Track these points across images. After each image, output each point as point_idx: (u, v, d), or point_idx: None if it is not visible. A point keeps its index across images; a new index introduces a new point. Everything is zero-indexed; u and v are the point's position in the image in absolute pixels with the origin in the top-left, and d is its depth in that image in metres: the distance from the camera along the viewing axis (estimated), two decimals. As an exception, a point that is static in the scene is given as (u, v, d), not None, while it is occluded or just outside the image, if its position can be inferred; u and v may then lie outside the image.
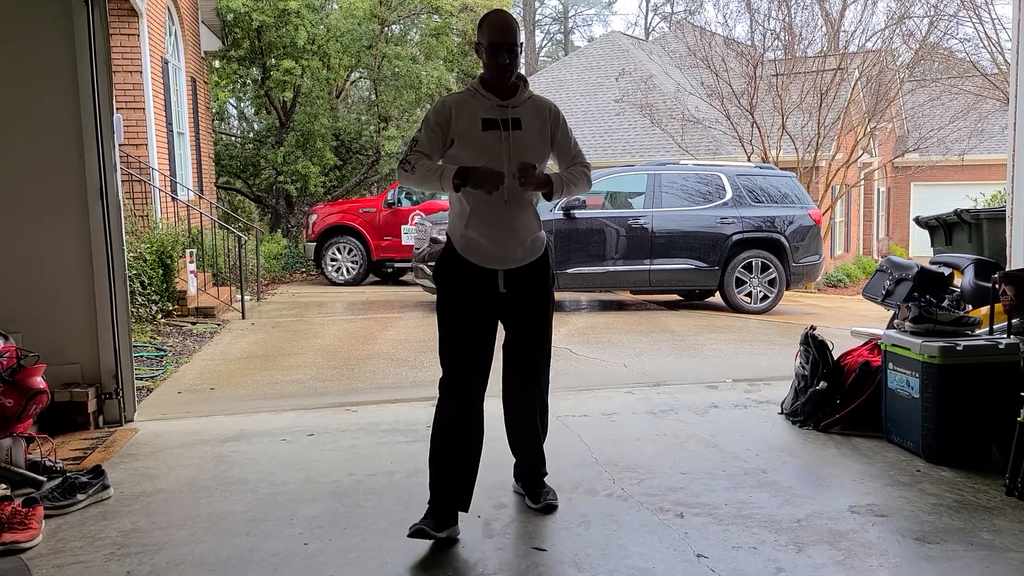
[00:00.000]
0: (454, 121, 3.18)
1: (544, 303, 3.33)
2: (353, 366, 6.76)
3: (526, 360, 3.33)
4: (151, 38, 10.16)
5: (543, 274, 3.31)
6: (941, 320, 4.10)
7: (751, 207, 10.19)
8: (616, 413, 4.89)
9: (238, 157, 17.90)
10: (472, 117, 3.18)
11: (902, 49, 19.26)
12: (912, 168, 22.48)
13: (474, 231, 3.17)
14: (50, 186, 4.54)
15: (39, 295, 4.56)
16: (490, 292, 3.18)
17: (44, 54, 4.48)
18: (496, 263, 3.18)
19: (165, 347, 7.32)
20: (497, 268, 3.18)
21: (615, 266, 9.88)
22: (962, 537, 3.09)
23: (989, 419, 3.87)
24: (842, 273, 18.63)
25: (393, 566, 2.90)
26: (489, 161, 3.11)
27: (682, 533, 3.14)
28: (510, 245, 3.19)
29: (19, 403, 3.71)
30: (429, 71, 16.21)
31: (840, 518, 3.28)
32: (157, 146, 10.33)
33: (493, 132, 3.16)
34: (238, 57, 16.19)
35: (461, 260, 3.19)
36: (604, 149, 20.24)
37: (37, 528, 3.12)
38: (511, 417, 3.43)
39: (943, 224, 6.17)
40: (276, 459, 4.08)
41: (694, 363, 6.94)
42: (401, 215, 13.23)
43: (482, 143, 3.15)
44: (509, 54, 3.13)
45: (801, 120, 16.75)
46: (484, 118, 3.17)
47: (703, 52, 17.00)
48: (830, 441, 4.31)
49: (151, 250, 8.39)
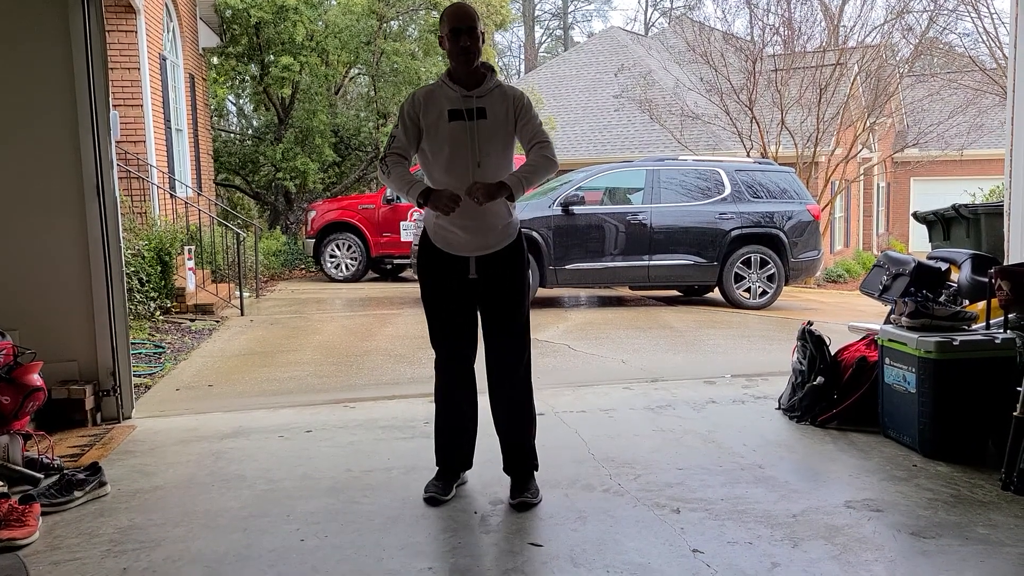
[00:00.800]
0: (422, 114, 3.30)
1: (516, 288, 3.39)
2: (351, 362, 6.77)
3: (503, 347, 3.41)
4: (149, 35, 10.15)
5: (514, 259, 3.38)
6: (938, 315, 4.10)
7: (750, 203, 10.19)
8: (614, 409, 4.89)
9: (237, 154, 17.88)
10: (439, 109, 3.29)
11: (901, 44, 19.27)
12: (912, 163, 22.46)
13: (445, 221, 3.30)
14: (46, 183, 4.54)
15: (36, 292, 4.56)
16: (461, 278, 3.35)
17: (40, 51, 4.47)
18: (466, 251, 3.33)
19: (163, 344, 7.32)
20: (468, 255, 3.33)
21: (614, 262, 9.88)
22: (958, 532, 3.09)
23: (985, 414, 3.88)
24: (841, 268, 18.62)
25: (390, 561, 2.90)
26: (455, 151, 3.25)
27: (678, 528, 3.15)
28: (479, 233, 3.32)
29: (16, 400, 3.72)
30: (428, 67, 16.16)
31: (836, 513, 3.28)
32: (155, 143, 10.32)
33: (459, 123, 3.27)
34: (236, 54, 16.15)
35: (434, 249, 3.38)
36: (603, 145, 20.23)
37: (34, 525, 3.13)
38: (495, 407, 3.48)
39: (941, 219, 6.17)
40: (274, 456, 4.08)
41: (692, 359, 6.94)
42: (400, 211, 13.20)
43: (448, 134, 3.27)
44: (469, 36, 3.24)
45: (800, 115, 16.73)
46: (450, 109, 3.28)
47: (702, 47, 16.97)
48: (827, 436, 4.31)
49: (149, 247, 8.39)
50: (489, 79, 3.34)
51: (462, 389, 3.48)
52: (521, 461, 3.48)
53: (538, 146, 3.35)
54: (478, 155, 3.27)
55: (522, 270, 3.42)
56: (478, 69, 3.32)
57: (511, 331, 3.40)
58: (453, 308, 3.39)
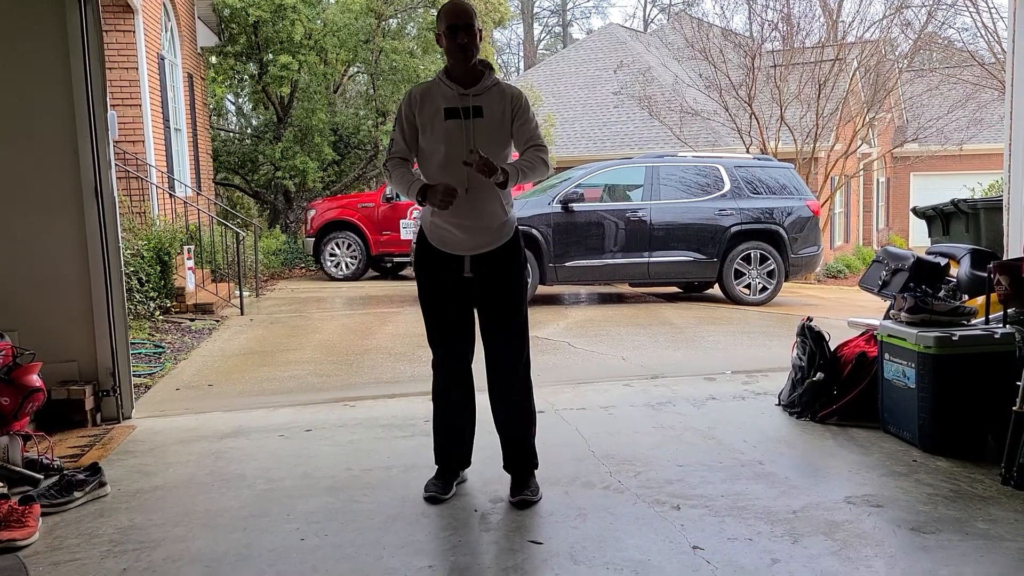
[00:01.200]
0: (418, 112, 3.30)
1: (513, 287, 3.38)
2: (351, 361, 6.77)
3: (501, 345, 3.40)
4: (147, 34, 10.14)
5: (510, 258, 3.36)
6: (937, 310, 4.10)
7: (749, 199, 10.19)
8: (614, 406, 4.89)
9: (236, 153, 17.86)
10: (435, 106, 3.28)
11: (900, 39, 19.25)
12: (911, 158, 22.45)
13: (440, 219, 3.30)
14: (44, 183, 4.53)
15: (35, 293, 4.56)
16: (456, 277, 3.34)
17: (37, 51, 4.47)
18: (461, 249, 3.32)
19: (163, 344, 7.32)
20: (463, 254, 3.32)
21: (614, 259, 9.88)
22: (957, 527, 3.09)
23: (985, 408, 3.88)
24: (842, 264, 18.62)
25: (390, 560, 2.90)
26: (451, 149, 3.23)
27: (678, 525, 3.15)
28: (474, 232, 3.31)
29: (15, 401, 3.71)
30: (426, 65, 16.14)
31: (836, 509, 3.28)
32: (154, 143, 10.31)
33: (455, 121, 3.25)
34: (235, 53, 16.13)
35: (430, 247, 3.37)
36: (602, 142, 20.22)
37: (34, 526, 3.13)
38: (495, 405, 3.48)
39: (940, 214, 6.16)
40: (274, 455, 4.08)
41: (692, 355, 6.94)
42: (399, 209, 13.20)
43: (444, 132, 3.26)
44: (466, 34, 3.21)
45: (800, 111, 16.73)
46: (446, 107, 3.26)
47: (701, 44, 16.97)
48: (827, 432, 4.31)
49: (149, 247, 8.39)
50: (487, 77, 3.31)
51: (458, 388, 3.48)
52: (521, 459, 3.48)
53: (534, 148, 3.33)
54: (474, 153, 3.26)
55: (518, 269, 3.40)
56: (476, 67, 3.30)
57: (508, 330, 3.39)
58: (449, 307, 3.38)
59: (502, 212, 3.34)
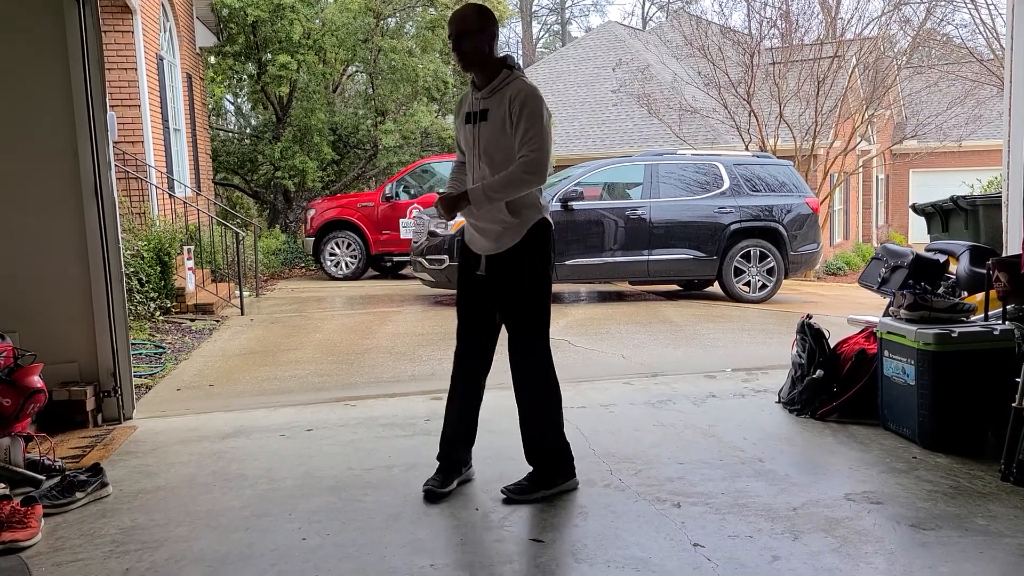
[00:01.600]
0: (456, 117, 3.53)
1: (522, 289, 3.38)
2: (352, 361, 6.77)
3: (513, 346, 3.45)
4: (145, 35, 10.14)
5: (520, 261, 3.37)
6: (936, 307, 4.11)
7: (749, 196, 10.19)
8: (614, 404, 4.90)
9: (235, 153, 17.85)
10: (463, 111, 3.45)
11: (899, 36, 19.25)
12: (910, 155, 22.46)
13: (468, 216, 3.45)
14: (44, 184, 4.53)
15: (35, 294, 4.56)
16: (472, 274, 3.47)
17: (35, 53, 4.47)
18: (478, 248, 3.46)
19: (164, 344, 7.32)
20: (480, 253, 3.44)
21: (613, 257, 9.88)
22: (957, 523, 3.10)
23: (984, 405, 3.89)
24: (841, 261, 18.63)
25: (392, 559, 2.91)
26: (467, 153, 3.43)
27: (679, 523, 3.15)
28: (484, 233, 3.42)
29: (17, 402, 3.71)
30: (425, 64, 16.14)
31: (836, 506, 3.29)
32: (153, 143, 10.31)
33: (470, 125, 3.39)
34: (233, 53, 16.11)
35: (463, 244, 3.56)
36: (601, 140, 20.22)
37: (36, 527, 3.14)
38: (517, 403, 3.53)
39: (939, 211, 6.17)
40: (275, 455, 4.09)
41: (692, 353, 6.95)
42: (399, 209, 13.21)
43: (464, 136, 3.44)
44: (458, 41, 3.29)
45: (798, 108, 16.72)
46: (467, 111, 3.41)
47: (700, 41, 16.96)
48: (827, 429, 4.32)
49: (149, 247, 8.39)
50: (499, 78, 3.29)
51: (464, 384, 3.56)
52: (531, 458, 3.50)
53: (520, 159, 3.25)
54: (480, 158, 3.33)
55: (528, 272, 3.36)
56: (488, 69, 3.31)
57: (518, 332, 3.42)
58: (470, 307, 3.51)
59: (510, 216, 3.33)
